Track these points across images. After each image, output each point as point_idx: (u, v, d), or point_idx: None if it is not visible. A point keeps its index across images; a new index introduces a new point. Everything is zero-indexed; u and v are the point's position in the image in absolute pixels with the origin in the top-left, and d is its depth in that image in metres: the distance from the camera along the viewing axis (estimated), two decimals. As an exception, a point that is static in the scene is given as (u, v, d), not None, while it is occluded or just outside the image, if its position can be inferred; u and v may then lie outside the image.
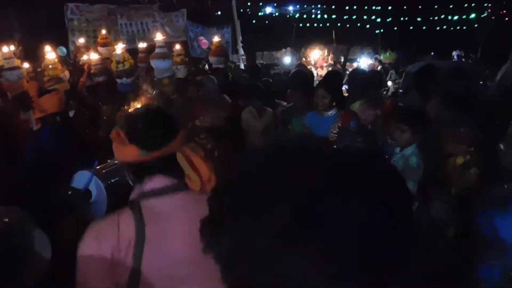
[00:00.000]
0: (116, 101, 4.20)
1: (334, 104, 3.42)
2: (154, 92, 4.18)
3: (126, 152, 1.27)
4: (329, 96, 3.36)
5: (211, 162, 1.26)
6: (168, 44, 5.83)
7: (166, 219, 1.24)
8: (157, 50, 4.65)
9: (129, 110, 3.47)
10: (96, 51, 5.72)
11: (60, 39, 8.01)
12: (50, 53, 4.99)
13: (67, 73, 5.16)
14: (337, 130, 3.33)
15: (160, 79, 4.48)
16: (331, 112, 3.41)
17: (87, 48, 6.14)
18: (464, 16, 15.76)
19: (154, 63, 4.55)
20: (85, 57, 5.34)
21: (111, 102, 4.21)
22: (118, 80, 4.19)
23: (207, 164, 1.24)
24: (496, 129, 2.54)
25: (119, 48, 5.44)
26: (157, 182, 1.26)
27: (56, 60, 4.91)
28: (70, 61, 7.08)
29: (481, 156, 2.42)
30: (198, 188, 1.22)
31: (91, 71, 5.10)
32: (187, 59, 5.83)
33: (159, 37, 4.84)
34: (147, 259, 1.19)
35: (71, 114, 3.84)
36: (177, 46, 5.42)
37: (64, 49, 7.64)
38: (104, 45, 6.13)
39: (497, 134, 2.56)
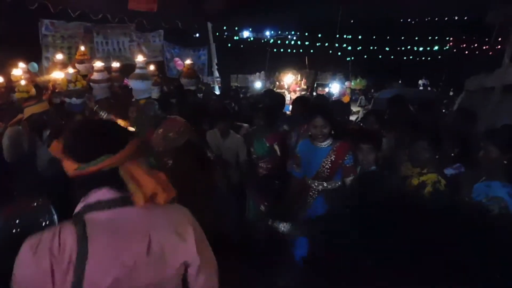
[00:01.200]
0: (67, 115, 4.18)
1: (332, 132, 3.12)
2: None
3: (66, 165, 1.22)
4: (328, 126, 3.08)
5: (159, 176, 1.24)
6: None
7: (113, 232, 1.18)
8: (137, 71, 4.59)
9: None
10: (74, 67, 5.70)
11: (33, 55, 7.91)
12: (16, 70, 4.94)
13: (33, 90, 5.06)
14: (330, 165, 3.06)
15: (138, 100, 4.44)
16: (326, 143, 3.12)
17: (64, 64, 6.08)
18: (428, 48, 16.70)
19: (133, 83, 4.53)
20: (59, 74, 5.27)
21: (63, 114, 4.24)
22: (67, 100, 4.10)
23: (151, 178, 1.21)
24: (449, 152, 2.75)
25: (84, 69, 5.46)
26: (103, 194, 1.21)
27: (22, 76, 4.85)
28: (40, 77, 6.99)
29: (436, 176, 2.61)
30: (141, 202, 1.19)
31: (56, 90, 5.11)
32: (159, 80, 5.86)
33: (140, 58, 4.80)
34: (89, 276, 1.13)
35: (46, 133, 3.73)
36: (151, 67, 5.47)
37: (36, 65, 7.54)
38: (81, 62, 6.11)
39: (450, 157, 2.77)
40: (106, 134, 1.25)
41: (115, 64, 6.35)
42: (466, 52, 16.03)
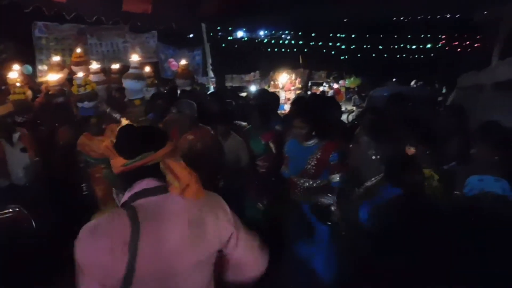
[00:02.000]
0: (74, 124, 4.12)
1: (313, 134, 3.17)
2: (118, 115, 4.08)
3: (115, 162, 1.45)
4: (307, 126, 3.13)
5: (191, 171, 1.43)
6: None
7: (159, 215, 1.36)
8: (131, 71, 4.56)
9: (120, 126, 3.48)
10: (70, 69, 5.69)
11: (27, 57, 7.88)
12: (12, 73, 4.92)
13: (29, 93, 5.06)
14: (315, 162, 3.10)
15: (132, 100, 4.39)
16: (311, 142, 3.17)
17: (61, 66, 6.05)
18: (421, 46, 16.84)
19: (127, 83, 4.50)
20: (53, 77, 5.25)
21: (68, 124, 4.23)
22: (79, 104, 4.05)
23: (186, 171, 1.42)
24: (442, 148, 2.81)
25: (81, 71, 5.42)
26: (148, 183, 1.42)
27: (18, 79, 4.83)
28: (35, 79, 6.97)
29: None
30: (177, 192, 1.39)
31: (50, 92, 5.10)
32: (156, 81, 5.83)
33: (134, 58, 4.75)
34: (142, 255, 1.29)
35: (16, 136, 3.74)
36: (147, 68, 5.43)
37: (30, 68, 7.52)
38: (78, 64, 6.07)
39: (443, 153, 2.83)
40: (149, 135, 1.48)
41: (114, 66, 6.31)
42: (459, 50, 16.18)
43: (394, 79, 13.26)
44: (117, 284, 1.30)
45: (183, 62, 6.16)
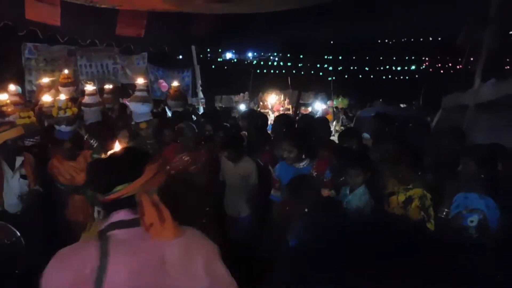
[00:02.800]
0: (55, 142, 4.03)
1: (303, 156, 3.13)
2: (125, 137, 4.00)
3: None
4: (295, 150, 3.08)
5: (162, 211, 1.34)
6: (132, 86, 5.86)
7: (131, 249, 1.32)
8: (137, 93, 4.41)
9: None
10: (57, 90, 5.67)
11: (16, 78, 7.86)
12: (1, 94, 4.86)
13: (33, 116, 4.91)
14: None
15: (138, 123, 4.28)
16: (303, 164, 3.12)
17: (50, 88, 6.04)
18: (406, 67, 17.30)
19: (133, 106, 4.37)
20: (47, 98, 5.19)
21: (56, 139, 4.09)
22: (56, 127, 3.93)
23: (154, 209, 1.33)
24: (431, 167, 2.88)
25: (67, 92, 5.36)
26: (125, 214, 1.36)
27: (7, 101, 4.76)
28: (26, 100, 6.93)
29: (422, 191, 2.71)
30: (144, 229, 1.32)
31: (44, 113, 5.03)
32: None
33: (140, 80, 4.60)
34: (109, 284, 1.26)
35: (19, 161, 3.60)
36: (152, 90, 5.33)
37: (20, 88, 7.49)
38: (65, 85, 6.06)
39: (433, 172, 2.89)
40: (122, 165, 1.41)
41: (108, 86, 6.31)
42: (441, 71, 16.66)
43: (380, 100, 13.51)
44: None
45: (175, 83, 6.17)
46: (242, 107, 10.71)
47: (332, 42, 13.88)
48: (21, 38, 8.15)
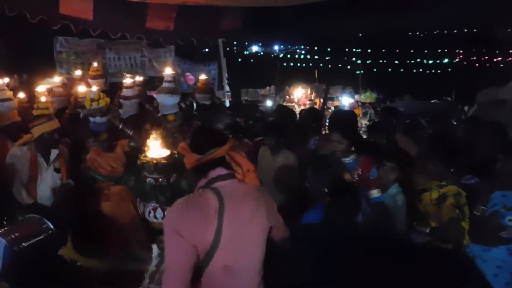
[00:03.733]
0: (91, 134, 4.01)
1: (352, 149, 3.04)
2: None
3: (190, 158, 1.81)
4: (345, 141, 3.00)
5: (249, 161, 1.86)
6: (159, 79, 5.88)
7: (234, 194, 1.76)
8: (164, 85, 4.26)
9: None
10: (87, 83, 5.77)
11: (48, 71, 8.09)
12: (40, 86, 4.96)
13: (51, 108, 4.96)
14: (357, 179, 2.96)
15: (165, 115, 4.15)
16: (349, 159, 3.04)
17: (81, 80, 6.16)
18: (438, 61, 16.68)
19: (161, 98, 4.24)
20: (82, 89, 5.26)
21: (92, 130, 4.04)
22: (91, 119, 3.86)
23: (246, 160, 1.86)
24: (463, 163, 2.75)
25: (97, 85, 5.40)
26: (220, 171, 1.80)
27: (46, 93, 4.85)
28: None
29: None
30: (242, 177, 1.81)
31: (78, 103, 5.11)
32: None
33: (168, 71, 4.41)
34: (226, 223, 1.67)
35: (54, 154, 3.66)
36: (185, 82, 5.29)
37: (51, 81, 7.71)
38: (94, 77, 6.17)
39: (464, 168, 2.76)
40: (216, 133, 1.97)
41: (138, 78, 6.37)
42: (477, 64, 15.97)
43: (408, 95, 13.09)
44: (206, 247, 1.65)
45: (203, 76, 6.13)
46: (269, 103, 10.64)
47: (360, 34, 13.58)
48: (52, 32, 8.38)
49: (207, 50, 12.33)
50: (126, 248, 3.31)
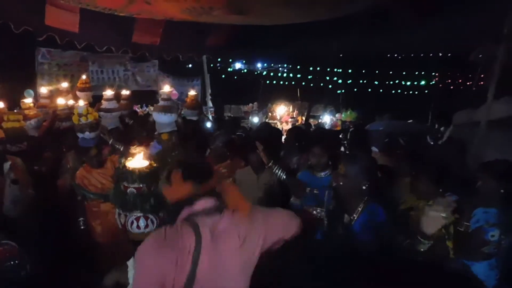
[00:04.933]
0: (80, 150, 3.89)
1: (330, 163, 3.19)
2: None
3: (181, 189, 1.69)
4: (326, 156, 3.18)
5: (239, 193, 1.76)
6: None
7: (216, 229, 1.62)
8: (161, 103, 4.21)
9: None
10: (74, 95, 5.72)
11: (28, 82, 7.97)
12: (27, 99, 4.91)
13: (20, 117, 4.85)
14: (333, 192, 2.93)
15: (160, 133, 4.08)
16: (325, 173, 3.20)
17: (67, 92, 6.10)
18: (415, 82, 17.25)
19: (155, 116, 4.17)
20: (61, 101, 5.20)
21: (76, 149, 4.01)
22: (80, 134, 3.74)
23: (237, 193, 1.75)
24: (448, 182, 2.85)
25: (85, 97, 5.36)
26: (206, 203, 1.69)
27: (31, 104, 4.78)
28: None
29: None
30: (230, 209, 1.69)
31: (57, 116, 5.03)
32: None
33: (166, 88, 4.38)
34: (201, 264, 1.54)
35: (6, 166, 3.54)
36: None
37: (32, 92, 7.58)
38: (83, 90, 6.10)
39: (449, 187, 2.86)
40: (206, 163, 1.86)
41: (125, 92, 6.34)
42: (451, 87, 16.60)
43: (387, 115, 13.42)
44: (178, 287, 1.52)
45: (192, 92, 6.08)
46: (255, 119, 10.72)
47: (341, 55, 13.93)
48: (34, 43, 8.29)
49: (190, 65, 12.40)
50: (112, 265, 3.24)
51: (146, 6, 5.31)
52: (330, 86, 14.70)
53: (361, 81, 16.60)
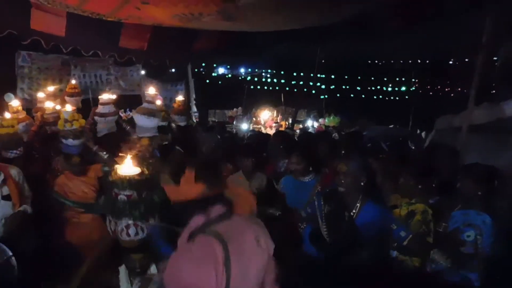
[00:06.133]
0: (64, 156, 3.80)
1: (310, 169, 3.24)
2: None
3: (193, 190, 1.65)
4: (303, 162, 3.21)
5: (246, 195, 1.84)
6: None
7: (235, 234, 1.60)
8: (144, 105, 4.08)
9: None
10: (63, 100, 5.59)
11: (7, 85, 7.78)
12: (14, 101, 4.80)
13: (14, 122, 4.77)
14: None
15: (140, 137, 3.91)
16: (308, 178, 3.24)
17: (55, 96, 5.96)
18: (396, 88, 17.67)
19: (137, 118, 4.05)
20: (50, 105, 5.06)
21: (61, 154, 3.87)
22: (63, 141, 3.62)
23: (246, 195, 1.82)
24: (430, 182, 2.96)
25: (73, 102, 5.23)
26: (219, 209, 1.64)
27: (20, 107, 4.64)
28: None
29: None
30: (240, 212, 1.72)
31: (45, 120, 4.92)
32: (167, 116, 5.37)
33: (151, 91, 4.24)
34: (233, 271, 1.52)
35: None
36: (158, 102, 5.06)
37: (12, 95, 7.40)
38: (72, 95, 5.96)
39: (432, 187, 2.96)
40: (218, 166, 1.83)
41: (111, 96, 6.24)
42: (431, 93, 17.07)
43: (366, 120, 13.65)
44: None
45: (180, 98, 6.02)
46: (244, 126, 10.72)
47: (324, 61, 14.15)
48: (15, 46, 8.10)
49: (173, 70, 12.34)
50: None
51: (136, 11, 5.25)
52: (313, 92, 14.90)
53: (343, 87, 16.91)
